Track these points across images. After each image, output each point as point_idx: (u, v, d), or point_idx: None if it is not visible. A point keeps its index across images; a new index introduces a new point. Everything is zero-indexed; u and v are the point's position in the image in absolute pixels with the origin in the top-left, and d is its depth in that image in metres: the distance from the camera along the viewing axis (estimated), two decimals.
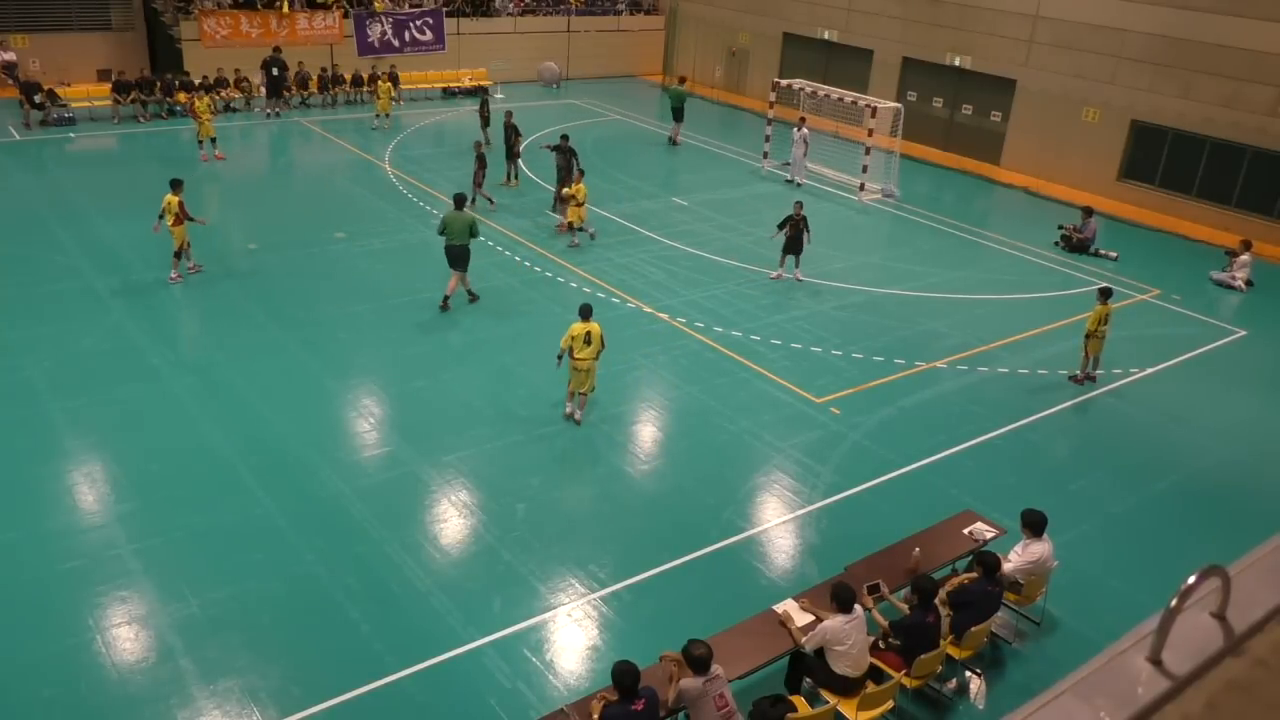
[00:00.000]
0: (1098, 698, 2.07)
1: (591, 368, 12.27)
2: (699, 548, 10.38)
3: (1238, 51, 22.19)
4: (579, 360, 12.14)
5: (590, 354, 12.18)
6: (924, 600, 8.14)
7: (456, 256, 15.68)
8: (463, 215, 15.53)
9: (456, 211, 15.61)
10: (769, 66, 32.94)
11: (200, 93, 24.89)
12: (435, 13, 31.38)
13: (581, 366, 12.19)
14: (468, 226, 15.49)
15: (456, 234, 15.51)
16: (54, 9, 27.99)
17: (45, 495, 10.58)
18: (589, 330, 12.19)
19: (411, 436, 12.18)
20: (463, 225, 15.48)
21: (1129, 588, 10.13)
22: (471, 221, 15.57)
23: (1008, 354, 15.60)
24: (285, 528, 10.25)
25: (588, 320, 12.33)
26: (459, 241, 15.54)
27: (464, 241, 15.53)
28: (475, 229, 15.65)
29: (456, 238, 15.53)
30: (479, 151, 20.41)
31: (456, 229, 15.51)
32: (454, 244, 15.58)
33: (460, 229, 15.49)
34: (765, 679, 8.12)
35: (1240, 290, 19.38)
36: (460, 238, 15.52)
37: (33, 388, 12.66)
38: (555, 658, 8.82)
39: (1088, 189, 24.93)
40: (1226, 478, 12.59)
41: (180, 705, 7.99)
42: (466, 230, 15.49)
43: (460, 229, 15.49)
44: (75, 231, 18.04)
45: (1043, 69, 26.10)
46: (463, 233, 15.49)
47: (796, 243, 17.69)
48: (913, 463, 12.27)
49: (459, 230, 15.50)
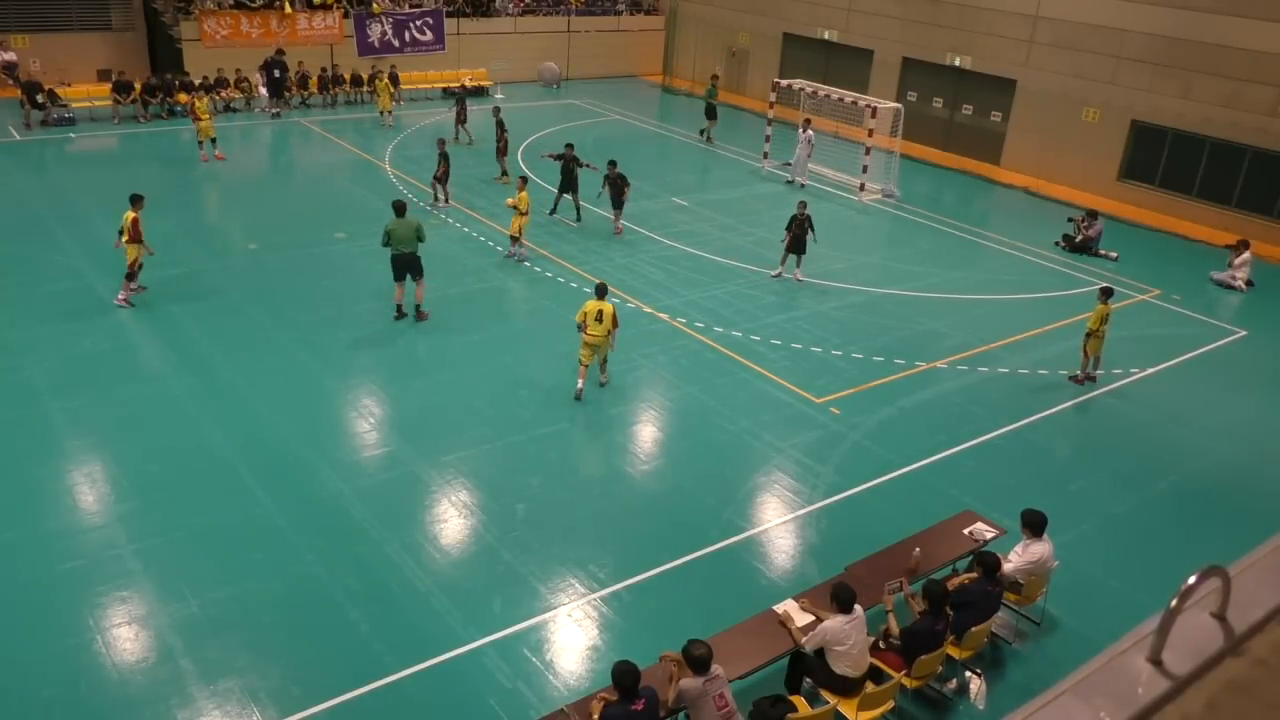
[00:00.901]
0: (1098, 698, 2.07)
1: (603, 344, 12.99)
2: (699, 548, 10.38)
3: (1237, 51, 22.19)
4: (591, 336, 12.88)
5: (601, 331, 12.85)
6: (935, 608, 8.13)
7: (406, 265, 14.86)
8: (407, 221, 14.71)
9: (400, 218, 14.71)
10: (769, 67, 32.95)
11: (200, 93, 24.89)
12: (435, 13, 31.39)
13: (593, 342, 12.92)
14: (414, 232, 14.70)
15: (404, 242, 14.68)
16: (54, 9, 28.00)
17: (45, 495, 10.58)
18: (601, 309, 12.82)
19: (411, 436, 12.18)
20: (409, 232, 14.66)
21: (1129, 588, 10.13)
22: (417, 227, 14.79)
23: (1008, 354, 15.59)
24: (285, 528, 10.25)
25: (601, 299, 13.02)
26: (407, 250, 14.72)
27: (412, 249, 14.75)
28: (422, 234, 14.84)
29: (404, 245, 14.70)
30: (442, 150, 20.36)
31: (402, 236, 14.66)
32: (403, 253, 14.74)
33: (407, 236, 14.66)
34: (765, 679, 8.12)
35: (1240, 290, 19.37)
36: (408, 245, 14.71)
37: (33, 388, 12.66)
38: (555, 658, 8.82)
39: (1088, 189, 24.95)
40: (1227, 478, 12.59)
41: (180, 705, 7.99)
42: (414, 237, 14.71)
43: (407, 236, 14.66)
44: (75, 232, 18.04)
45: (1043, 69, 26.10)
46: (410, 240, 14.70)
47: (800, 242, 17.68)
48: (913, 463, 12.27)
49: (405, 237, 14.67)
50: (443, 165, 20.28)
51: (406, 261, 14.87)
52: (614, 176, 19.20)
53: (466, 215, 20.50)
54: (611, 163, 19.31)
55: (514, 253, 18.00)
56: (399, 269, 14.91)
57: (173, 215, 19.16)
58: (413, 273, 14.99)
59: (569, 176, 19.72)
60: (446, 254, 18.63)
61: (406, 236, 14.69)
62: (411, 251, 14.80)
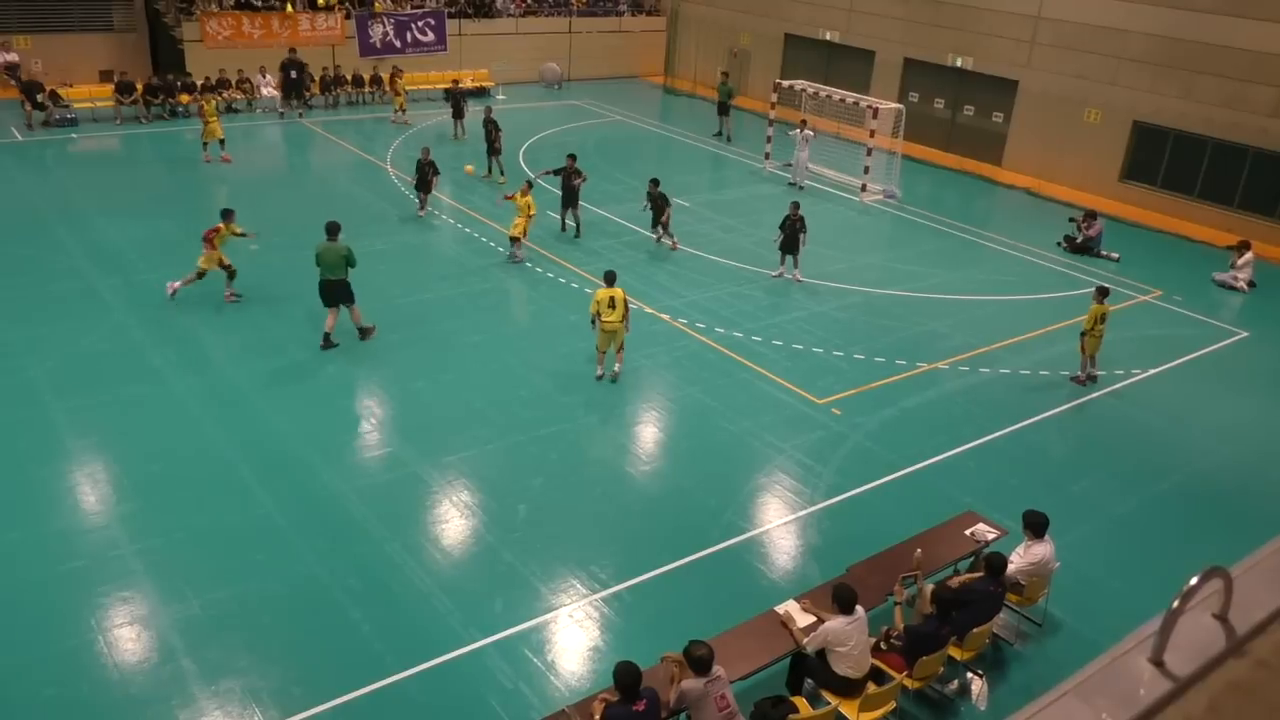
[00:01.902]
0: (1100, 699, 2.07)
1: (619, 329, 13.46)
2: (700, 548, 10.38)
3: (1239, 52, 22.18)
4: (606, 323, 13.37)
5: (616, 317, 13.34)
6: (942, 613, 8.13)
7: (334, 292, 13.99)
8: (335, 246, 13.85)
9: (330, 242, 13.88)
10: (770, 67, 32.93)
11: (208, 95, 24.87)
12: (437, 14, 31.41)
13: (609, 329, 13.42)
14: (343, 259, 13.85)
15: (331, 267, 13.85)
16: (56, 10, 28.02)
17: (47, 496, 10.59)
18: (613, 295, 13.31)
19: (413, 437, 12.18)
20: (336, 257, 13.83)
21: (1131, 589, 10.12)
22: (346, 253, 13.87)
23: (1009, 355, 15.58)
24: (286, 528, 10.26)
25: (612, 286, 13.47)
26: (334, 276, 13.88)
27: (340, 275, 13.91)
28: (351, 259, 13.94)
29: (331, 271, 13.86)
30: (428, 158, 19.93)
31: (330, 262, 13.84)
32: (328, 279, 13.90)
33: (335, 261, 13.83)
34: (766, 680, 8.11)
35: (1242, 291, 19.35)
36: (335, 271, 13.85)
37: (35, 388, 12.68)
38: (556, 658, 8.82)
39: (1089, 190, 24.93)
40: (1229, 479, 12.57)
41: (182, 705, 7.99)
42: (342, 263, 13.86)
43: (335, 261, 13.83)
44: (77, 232, 18.05)
45: (1044, 70, 26.09)
46: (338, 265, 13.84)
47: (793, 242, 17.68)
48: (914, 464, 12.26)
49: (333, 263, 13.83)
50: (430, 174, 19.84)
51: (334, 288, 13.99)
52: (655, 195, 18.78)
53: (467, 215, 20.51)
54: (653, 181, 18.91)
55: (515, 254, 17.97)
56: (326, 296, 14.03)
57: (174, 215, 19.18)
58: (342, 299, 14.13)
59: (570, 192, 19.11)
60: (448, 255, 18.66)
61: (334, 262, 13.84)
62: (339, 278, 13.94)
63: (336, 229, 14.03)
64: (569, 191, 19.18)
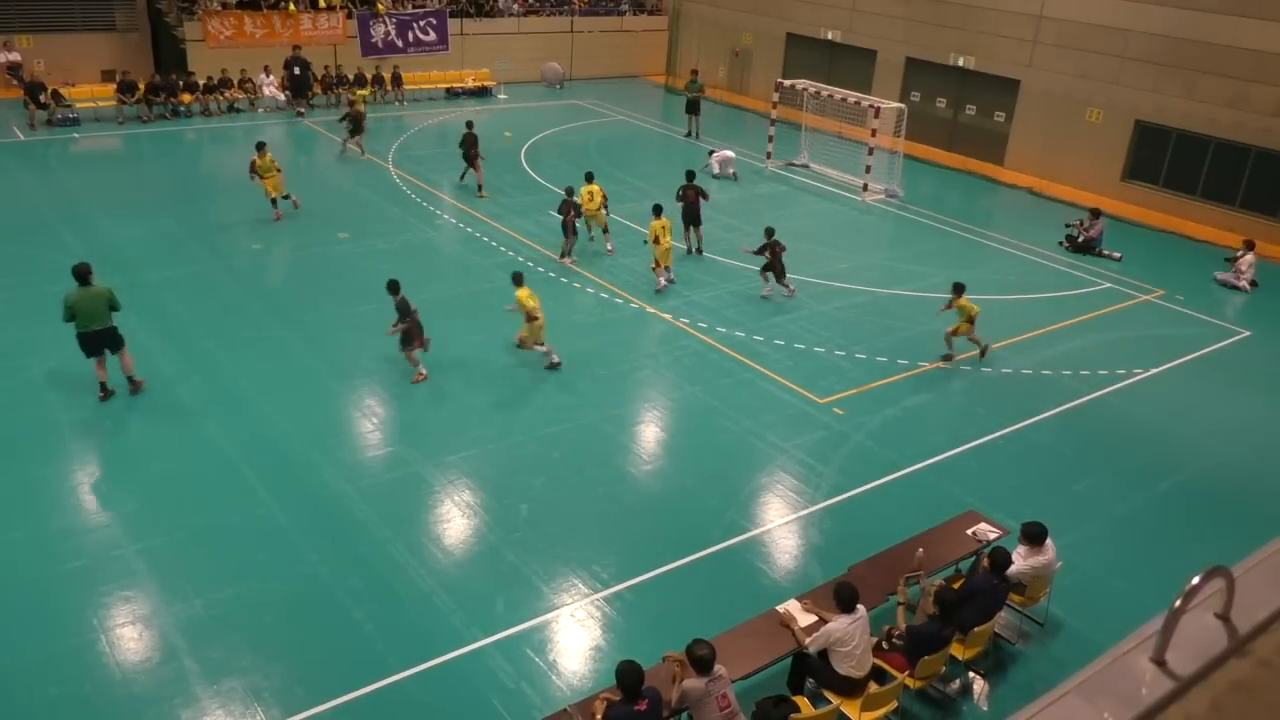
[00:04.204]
0: (1101, 698, 2.07)
1: (670, 246, 16.75)
2: (702, 548, 10.38)
3: (1242, 52, 22.15)
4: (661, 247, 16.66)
5: (669, 240, 16.80)
6: (946, 614, 8.12)
7: (101, 342, 12.14)
8: (94, 291, 11.96)
9: (85, 288, 11.91)
10: (772, 67, 32.92)
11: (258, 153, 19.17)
12: (439, 13, 31.42)
13: (665, 245, 16.71)
14: (105, 303, 12.04)
15: (93, 317, 11.94)
16: (58, 10, 28.06)
17: (49, 495, 10.61)
18: (664, 224, 16.58)
19: (414, 437, 12.19)
20: (97, 303, 11.97)
21: (1133, 588, 10.12)
22: (108, 297, 12.09)
23: (1011, 354, 15.57)
24: (288, 528, 10.27)
25: (659, 216, 16.62)
26: (98, 326, 12.00)
27: (106, 324, 12.07)
28: (115, 302, 12.16)
29: (94, 321, 11.95)
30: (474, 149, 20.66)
31: (90, 310, 11.90)
32: (92, 330, 11.98)
33: (96, 310, 11.96)
34: (768, 679, 8.11)
35: (1245, 291, 19.33)
36: (99, 321, 11.99)
37: (36, 388, 12.69)
38: (558, 658, 8.83)
39: (1092, 189, 24.90)
40: (1231, 479, 12.56)
41: (184, 705, 8.00)
42: (105, 308, 12.03)
43: (96, 310, 11.96)
44: (79, 232, 18.07)
45: (1046, 69, 26.06)
46: (101, 314, 11.99)
47: (693, 213, 18.39)
48: (916, 463, 12.25)
49: (94, 311, 11.94)
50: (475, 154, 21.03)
51: (100, 338, 12.13)
52: (771, 244, 17.23)
53: (468, 215, 20.51)
54: (769, 230, 17.26)
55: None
56: (91, 347, 12.15)
57: (175, 215, 19.20)
58: (110, 347, 12.30)
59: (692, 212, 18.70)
60: (450, 255, 18.67)
61: (95, 311, 11.95)
62: (103, 327, 12.07)
63: (88, 272, 12.04)
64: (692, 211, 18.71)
